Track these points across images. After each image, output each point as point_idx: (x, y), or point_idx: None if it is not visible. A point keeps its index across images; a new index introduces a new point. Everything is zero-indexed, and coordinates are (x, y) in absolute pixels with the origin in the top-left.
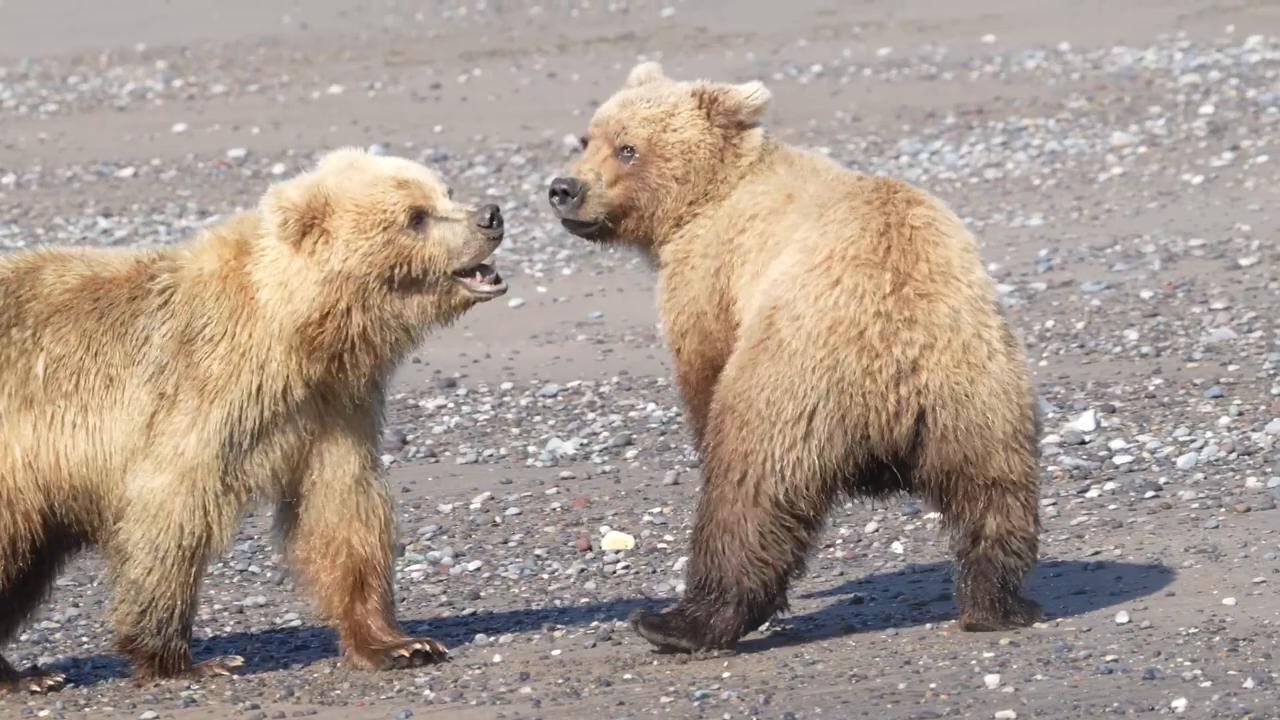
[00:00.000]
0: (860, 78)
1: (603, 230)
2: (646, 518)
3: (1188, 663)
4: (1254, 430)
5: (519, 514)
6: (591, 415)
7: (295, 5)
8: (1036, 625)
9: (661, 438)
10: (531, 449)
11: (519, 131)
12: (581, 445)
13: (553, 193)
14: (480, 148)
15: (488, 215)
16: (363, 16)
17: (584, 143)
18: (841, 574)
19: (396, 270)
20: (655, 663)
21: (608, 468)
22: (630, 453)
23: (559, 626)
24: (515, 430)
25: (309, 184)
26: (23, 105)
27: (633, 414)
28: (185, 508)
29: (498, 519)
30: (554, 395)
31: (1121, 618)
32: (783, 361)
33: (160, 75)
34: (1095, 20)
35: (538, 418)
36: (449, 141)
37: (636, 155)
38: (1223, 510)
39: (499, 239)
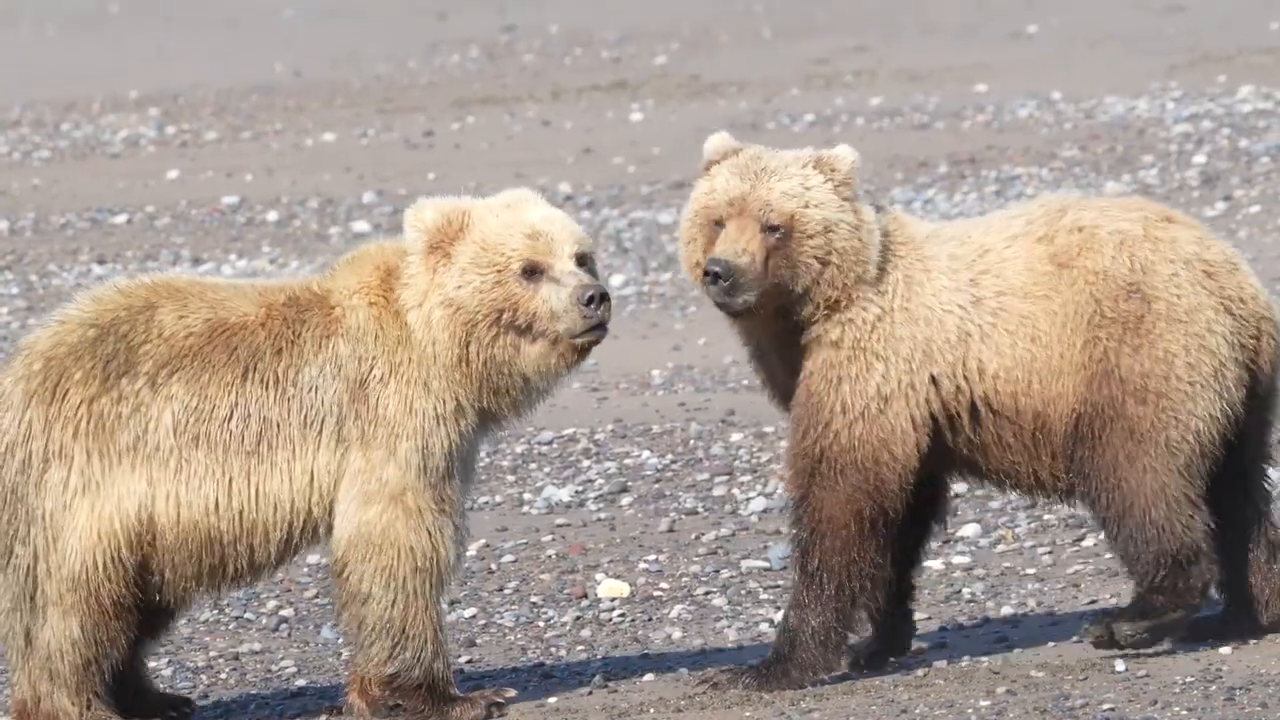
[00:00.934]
0: (853, 126)
1: (749, 311)
2: (642, 565)
3: (1184, 711)
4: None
5: (514, 561)
6: (587, 463)
7: (288, 52)
8: (1033, 674)
9: (656, 485)
10: (527, 496)
11: (512, 179)
12: (577, 492)
13: (707, 273)
14: (474, 195)
15: (588, 294)
16: (355, 64)
17: (715, 224)
18: None
19: (504, 314)
20: (651, 711)
21: (603, 515)
22: (625, 500)
23: (555, 674)
24: (511, 477)
25: (452, 207)
26: (16, 152)
27: (628, 461)
28: (408, 529)
29: (493, 566)
30: (549, 442)
31: (1119, 666)
32: (1179, 328)
33: (153, 122)
34: (1087, 70)
35: (533, 465)
36: (442, 189)
37: (780, 232)
38: None
39: (599, 325)
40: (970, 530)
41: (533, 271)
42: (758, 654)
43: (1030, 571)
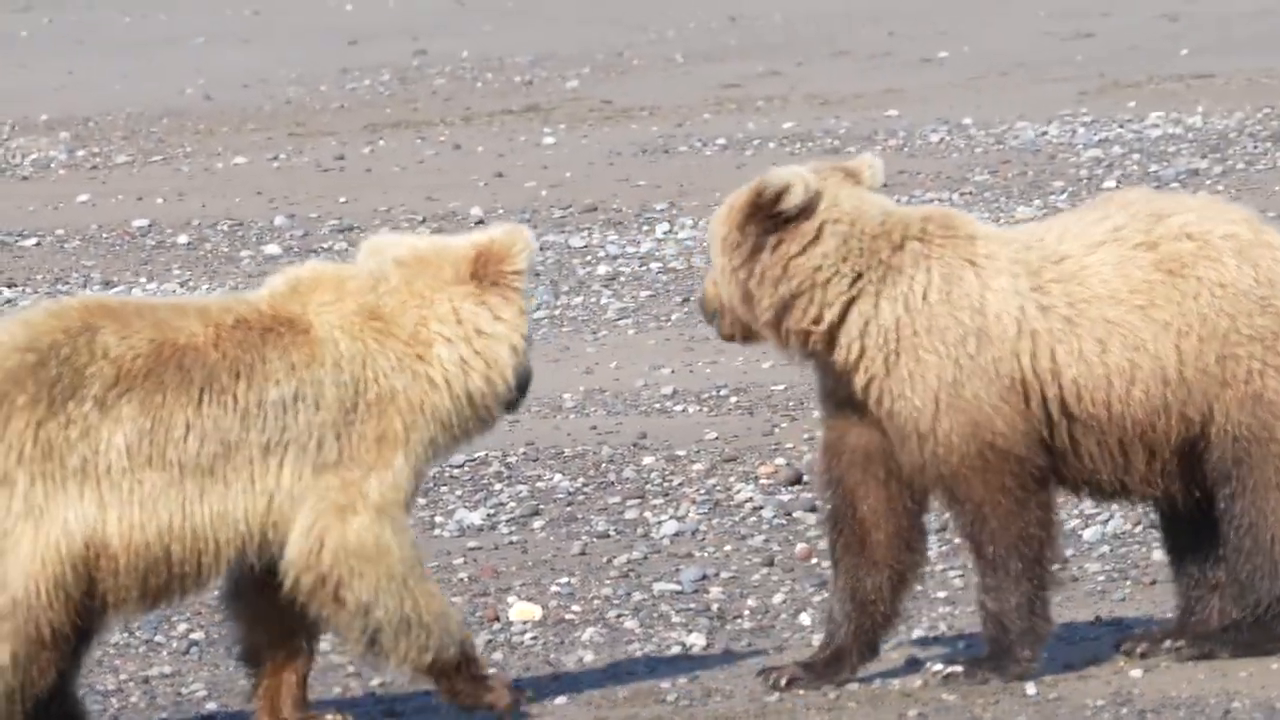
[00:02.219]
0: (764, 151)
1: (731, 338)
2: (554, 588)
3: None
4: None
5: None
6: (498, 485)
7: (198, 76)
8: (944, 697)
9: (568, 508)
10: (439, 519)
11: (424, 203)
12: (489, 515)
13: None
14: (385, 219)
15: None
16: (266, 88)
17: None
18: (749, 645)
19: None
20: None
21: (515, 538)
22: (537, 523)
23: None
24: (422, 500)
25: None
26: None
27: (540, 484)
28: (394, 532)
29: None
30: (460, 465)
31: (1030, 690)
32: None
33: (63, 145)
34: (998, 96)
35: (444, 488)
36: (353, 212)
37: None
38: (1129, 583)
39: None
40: None
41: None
42: (669, 674)
43: (941, 595)
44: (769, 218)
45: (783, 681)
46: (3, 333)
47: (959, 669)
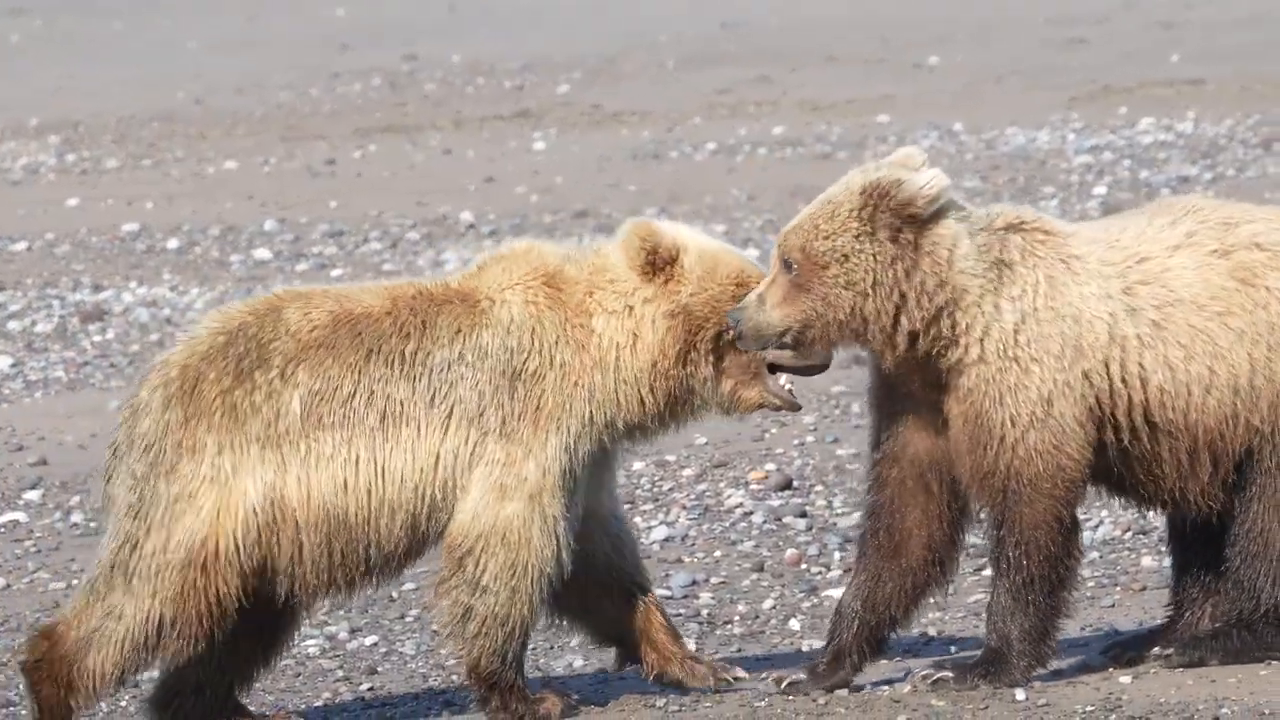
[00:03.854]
0: (755, 156)
1: (800, 346)
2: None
3: None
4: (1140, 510)
5: (416, 589)
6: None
7: (190, 81)
8: (934, 702)
9: None
10: None
11: (414, 207)
12: None
13: (726, 327)
14: (375, 223)
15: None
16: (258, 92)
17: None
18: (739, 650)
19: (728, 332)
20: None
21: None
22: None
23: (456, 702)
24: None
25: (671, 228)
26: None
27: None
28: (541, 532)
29: (395, 594)
30: None
31: (1019, 695)
32: None
33: (54, 149)
34: (989, 101)
35: None
36: (344, 217)
37: (795, 267)
38: (1119, 589)
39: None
40: None
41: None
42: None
43: (931, 600)
44: (915, 223)
45: (784, 683)
46: (203, 325)
47: (949, 674)
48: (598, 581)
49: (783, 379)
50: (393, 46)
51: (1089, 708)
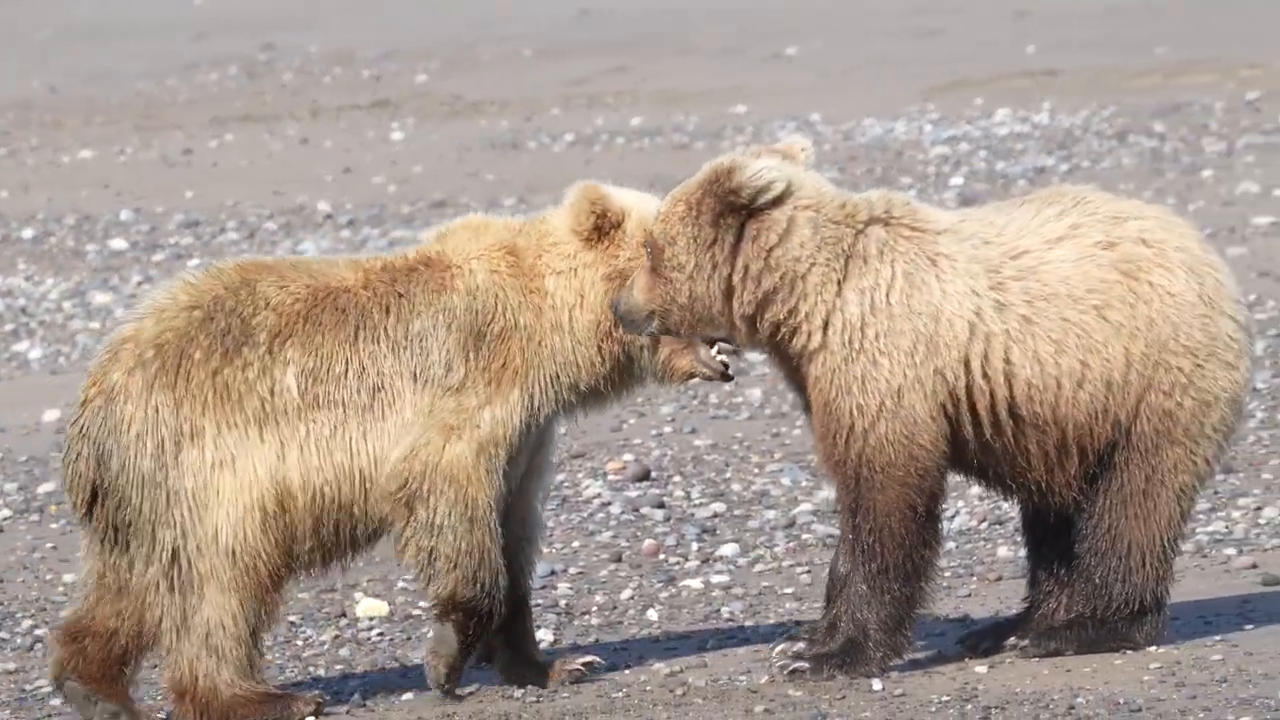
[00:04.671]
0: (613, 146)
1: (671, 333)
2: (401, 584)
3: None
4: (1005, 500)
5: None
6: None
7: (44, 69)
8: (791, 693)
9: None
10: None
11: (271, 197)
12: None
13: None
14: (232, 213)
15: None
16: (113, 80)
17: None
18: (597, 640)
19: None
20: None
21: None
22: None
23: (314, 690)
24: None
25: (618, 194)
26: None
27: None
28: (487, 471)
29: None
30: None
31: (876, 685)
32: (1226, 374)
33: None
34: (845, 92)
35: None
36: (201, 206)
37: (649, 251)
38: (975, 579)
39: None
40: (729, 550)
41: None
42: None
43: (789, 590)
44: (741, 209)
45: (788, 670)
46: (166, 297)
47: (805, 665)
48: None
49: (715, 350)
50: (250, 36)
51: (945, 697)
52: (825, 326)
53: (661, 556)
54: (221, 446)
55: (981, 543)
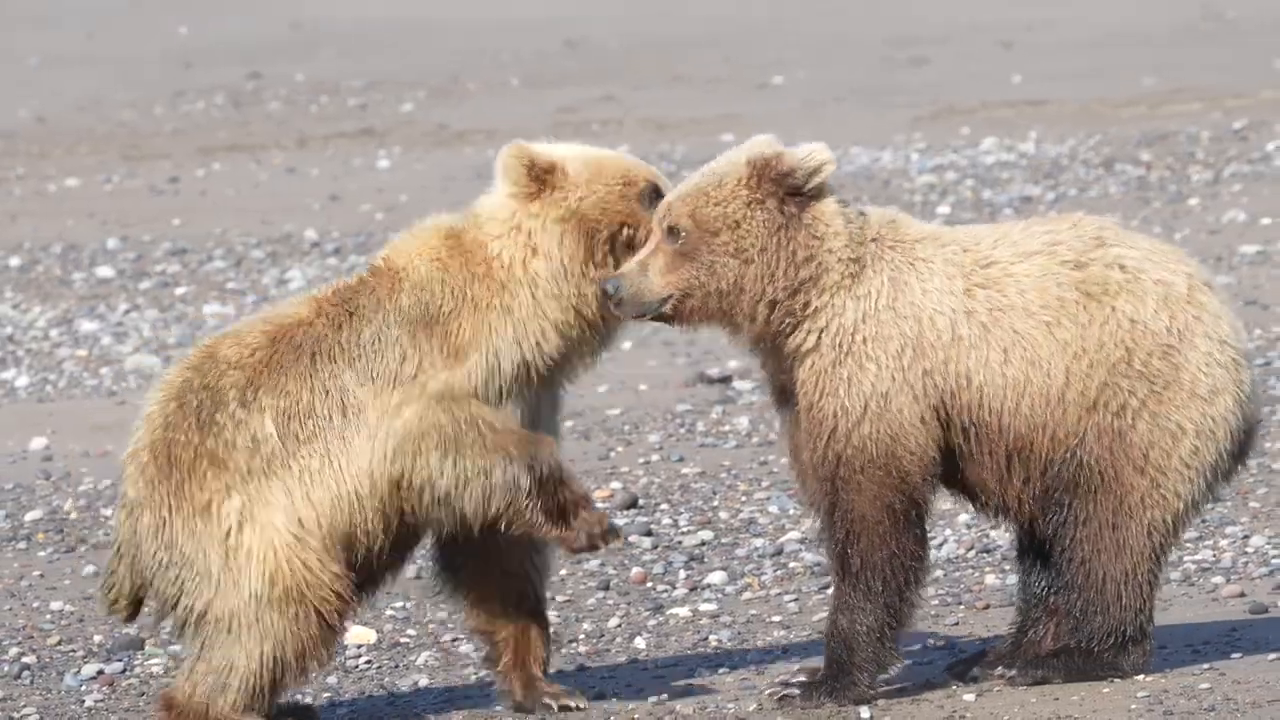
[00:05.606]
0: None
1: (676, 318)
2: (389, 612)
3: None
4: (992, 528)
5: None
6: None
7: (32, 98)
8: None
9: None
10: None
11: (258, 225)
12: None
13: (603, 292)
14: (219, 241)
15: None
16: (100, 110)
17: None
18: (583, 668)
19: (624, 230)
20: None
21: None
22: None
23: None
24: None
25: (546, 147)
26: None
27: None
28: (443, 411)
29: None
30: None
31: (864, 714)
32: (1197, 405)
33: None
34: (832, 121)
35: None
36: (187, 235)
37: (683, 234)
38: (962, 607)
39: None
40: (717, 578)
41: (656, 196)
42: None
43: (776, 619)
44: (796, 193)
45: (777, 698)
46: (152, 404)
47: (794, 691)
48: (504, 567)
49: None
50: (237, 65)
51: None
52: (823, 329)
53: (649, 584)
54: (230, 511)
55: (969, 570)
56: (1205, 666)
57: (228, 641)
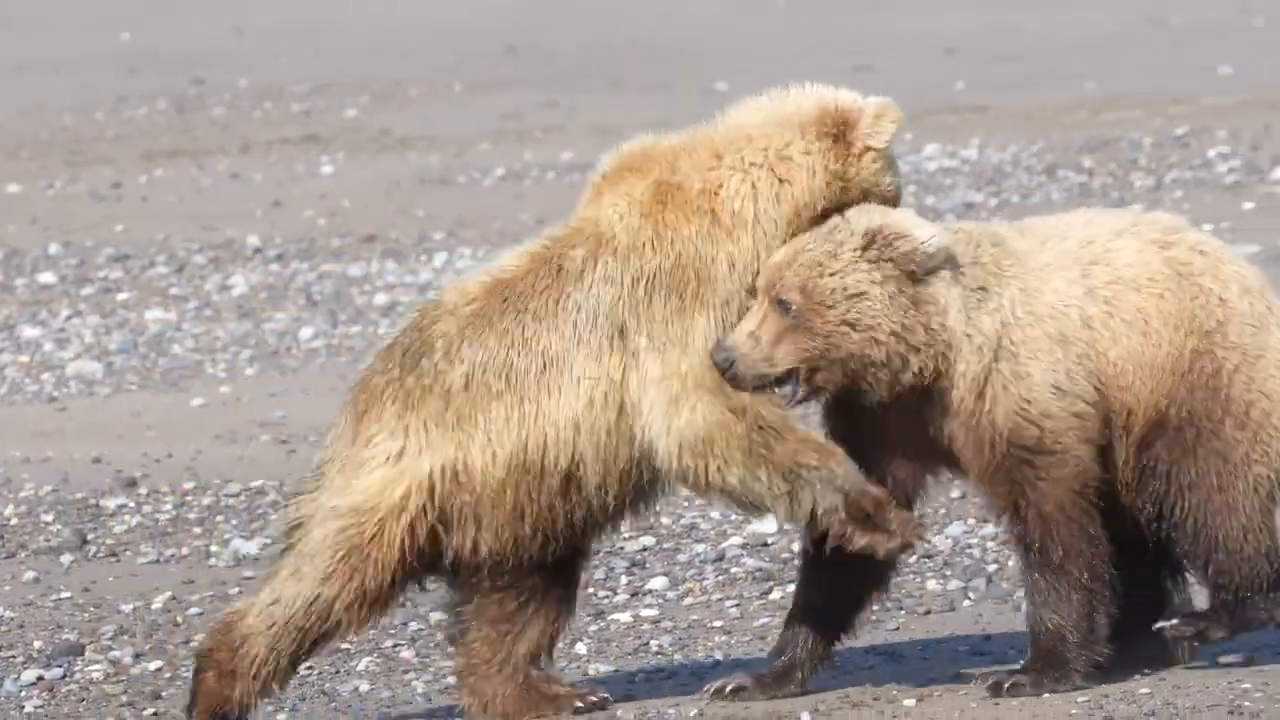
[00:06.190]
0: (543, 181)
1: (805, 392)
2: None
3: None
4: (933, 534)
5: (201, 614)
6: (275, 515)
7: None
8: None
9: None
10: (214, 549)
11: (201, 231)
12: (264, 545)
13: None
14: (162, 247)
15: None
16: (42, 115)
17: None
18: None
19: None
20: None
21: None
22: None
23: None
24: (197, 530)
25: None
26: None
27: None
28: (724, 406)
29: (180, 619)
30: (237, 494)
31: (805, 718)
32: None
33: None
34: None
35: (220, 517)
36: (130, 241)
37: (794, 307)
38: (903, 612)
39: None
40: (658, 583)
41: None
42: (445, 703)
43: (718, 624)
44: (907, 274)
45: (727, 689)
46: (382, 347)
47: (1020, 680)
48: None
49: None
50: (179, 70)
51: None
52: (970, 356)
53: (590, 590)
54: (389, 447)
55: (910, 576)
56: (1145, 672)
57: (290, 570)
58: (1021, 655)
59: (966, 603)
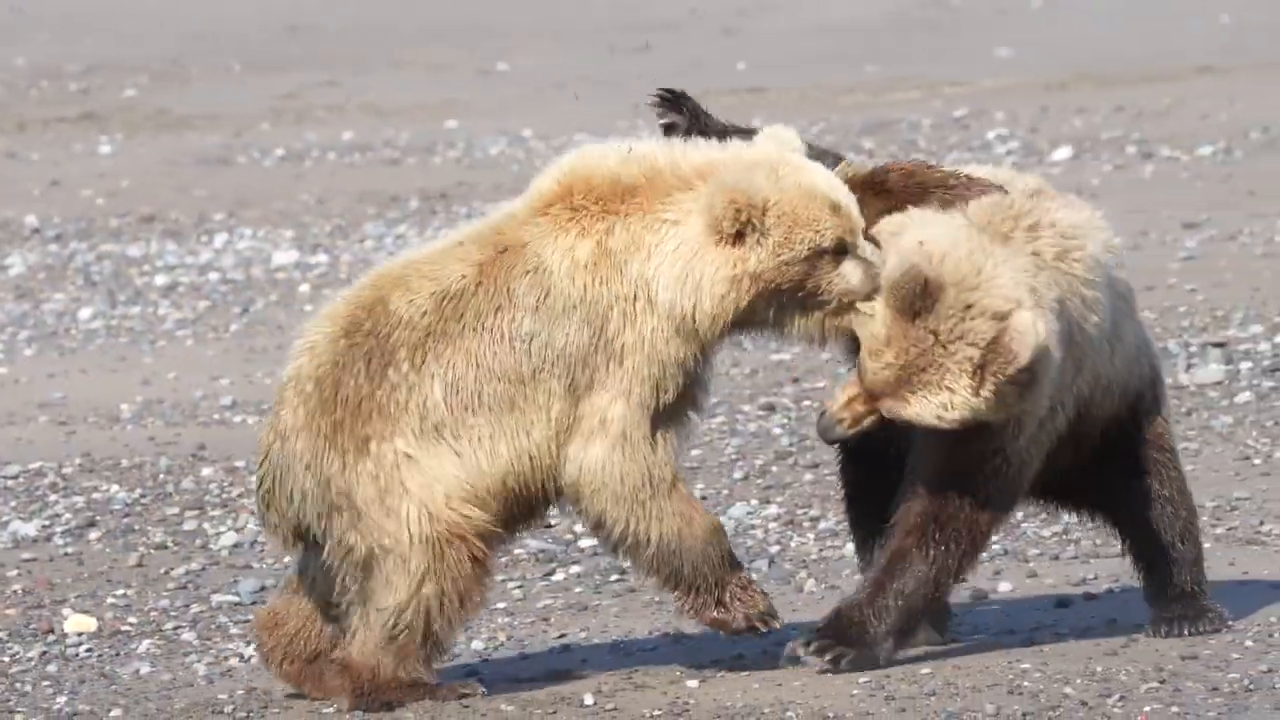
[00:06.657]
0: (324, 161)
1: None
2: (110, 600)
3: None
4: (719, 512)
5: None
6: (54, 497)
7: None
8: (503, 708)
9: (126, 519)
10: None
11: None
12: (43, 527)
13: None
14: None
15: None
16: None
17: None
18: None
19: (803, 286)
20: None
21: (70, 549)
22: (93, 534)
23: (19, 710)
24: None
25: (748, 181)
26: None
27: (95, 496)
28: (625, 458)
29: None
30: (15, 476)
31: (588, 700)
32: None
33: None
34: (557, 108)
35: None
36: None
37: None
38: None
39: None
40: None
41: (841, 251)
42: (226, 686)
43: (501, 605)
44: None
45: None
46: (317, 334)
47: (1217, 619)
48: None
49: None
50: None
51: (656, 712)
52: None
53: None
54: (396, 448)
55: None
56: (924, 651)
57: (384, 590)
58: (798, 636)
59: None
